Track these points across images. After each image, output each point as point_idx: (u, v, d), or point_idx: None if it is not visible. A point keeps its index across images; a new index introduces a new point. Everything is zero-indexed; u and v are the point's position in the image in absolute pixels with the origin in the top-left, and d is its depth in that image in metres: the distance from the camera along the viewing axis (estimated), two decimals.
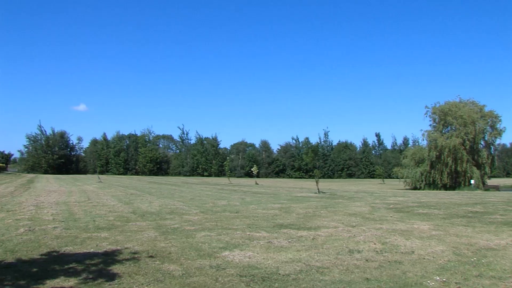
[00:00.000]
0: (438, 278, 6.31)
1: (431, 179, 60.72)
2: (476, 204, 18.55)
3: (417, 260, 7.49)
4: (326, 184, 60.41)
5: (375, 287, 5.99)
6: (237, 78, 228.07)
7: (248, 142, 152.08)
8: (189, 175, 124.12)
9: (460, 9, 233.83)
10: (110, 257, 7.87)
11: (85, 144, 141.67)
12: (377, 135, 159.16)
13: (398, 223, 12.25)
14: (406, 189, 56.63)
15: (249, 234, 10.39)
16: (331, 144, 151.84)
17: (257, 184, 52.70)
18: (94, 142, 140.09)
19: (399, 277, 6.43)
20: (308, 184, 60.30)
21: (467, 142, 59.24)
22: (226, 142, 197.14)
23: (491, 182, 70.98)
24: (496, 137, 64.28)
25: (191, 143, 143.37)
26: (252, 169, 65.58)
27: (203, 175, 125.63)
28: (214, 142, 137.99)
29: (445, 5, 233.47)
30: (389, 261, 7.45)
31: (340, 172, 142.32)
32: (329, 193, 28.87)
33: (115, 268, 7.04)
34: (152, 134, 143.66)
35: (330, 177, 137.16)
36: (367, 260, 7.54)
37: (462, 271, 6.69)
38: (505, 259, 7.48)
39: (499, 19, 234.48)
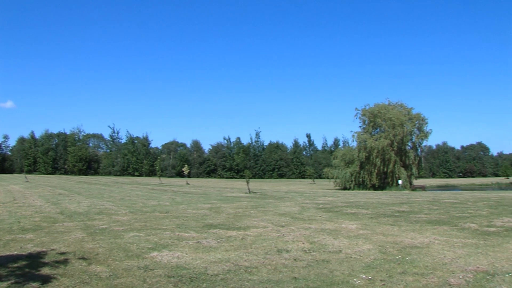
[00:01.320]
0: (364, 276, 6.57)
1: (361, 179, 62.73)
2: (402, 204, 19.42)
3: (344, 259, 7.76)
4: (257, 184, 60.87)
5: (302, 286, 6.16)
6: (168, 77, 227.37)
7: (180, 141, 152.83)
8: (119, 175, 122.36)
9: (389, 11, 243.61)
10: (35, 259, 7.63)
11: (12, 142, 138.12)
12: (308, 136, 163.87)
13: (326, 223, 12.62)
14: (336, 189, 58.14)
15: (178, 235, 10.37)
16: (263, 144, 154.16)
17: (188, 184, 52.45)
18: (22, 140, 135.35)
19: (327, 276, 6.64)
20: (239, 184, 60.62)
21: (395, 143, 61.84)
22: (157, 142, 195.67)
23: (418, 182, 74.54)
24: (423, 139, 67.42)
25: (122, 142, 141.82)
26: (183, 169, 65.14)
27: (134, 175, 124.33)
28: (145, 141, 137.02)
29: (374, 7, 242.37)
30: (317, 260, 7.67)
31: (271, 172, 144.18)
32: (260, 193, 29.24)
33: (41, 271, 6.84)
34: (82, 133, 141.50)
35: (261, 177, 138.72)
36: (295, 260, 7.72)
37: (387, 269, 7.00)
38: (428, 256, 7.90)
39: (426, 22, 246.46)
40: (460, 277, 6.45)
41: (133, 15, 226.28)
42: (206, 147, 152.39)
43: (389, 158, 61.02)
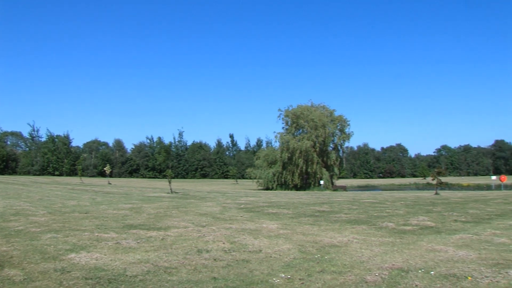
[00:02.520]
0: (283, 276, 6.67)
1: (283, 179, 63.83)
2: (323, 204, 19.97)
3: (264, 259, 7.86)
4: (179, 184, 60.45)
5: (222, 286, 6.16)
6: (91, 75, 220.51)
7: (102, 140, 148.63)
8: (39, 174, 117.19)
9: (310, 12, 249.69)
10: None
11: None
12: (231, 136, 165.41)
13: (247, 223, 12.75)
14: (259, 190, 58.91)
15: (97, 235, 10.07)
16: (186, 144, 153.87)
17: (110, 184, 51.11)
18: None
19: (246, 276, 6.69)
20: (162, 184, 59.86)
21: (318, 144, 63.57)
22: (78, 141, 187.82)
23: (339, 182, 76.89)
24: (344, 140, 70.04)
25: (42, 140, 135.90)
26: (105, 169, 63.32)
27: (54, 174, 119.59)
28: (66, 140, 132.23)
29: (296, 7, 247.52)
30: (237, 260, 7.72)
31: (194, 172, 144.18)
32: (182, 193, 29.06)
33: None
34: None
35: (184, 177, 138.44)
36: (215, 260, 7.73)
37: (306, 268, 7.16)
38: (346, 255, 8.17)
39: (349, 24, 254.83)
40: (376, 274, 6.71)
41: (46, 13, 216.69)
42: (129, 146, 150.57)
43: (312, 159, 62.49)
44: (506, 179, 61.52)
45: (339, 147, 70.97)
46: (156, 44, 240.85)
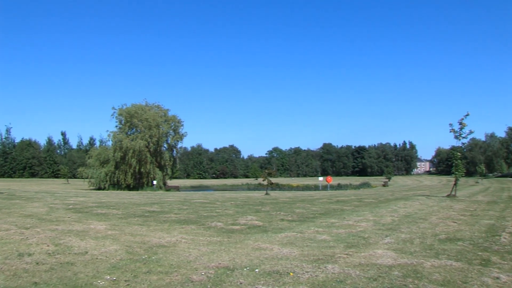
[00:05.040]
0: (108, 277, 6.58)
1: (116, 179, 62.42)
2: (154, 204, 19.97)
3: (90, 261, 7.66)
4: (5, 184, 56.90)
5: None
6: None
7: None
8: None
9: (146, 10, 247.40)
10: None
11: None
12: (63, 134, 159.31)
13: (75, 224, 12.31)
14: (91, 189, 57.06)
15: None
16: (13, 141, 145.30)
17: None
18: None
19: (70, 279, 6.47)
20: None
21: (152, 144, 63.41)
22: None
23: (173, 183, 77.13)
24: (178, 141, 70.82)
25: None
26: None
27: None
28: None
29: (129, 7, 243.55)
30: (61, 263, 7.42)
31: (22, 171, 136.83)
32: (7, 194, 27.33)
33: None
34: None
35: (10, 176, 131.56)
36: (37, 263, 7.35)
37: (132, 269, 7.14)
38: (173, 255, 8.29)
39: (183, 24, 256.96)
40: (203, 273, 6.91)
41: None
42: None
43: (145, 159, 62.23)
44: (332, 180, 66.87)
45: (172, 147, 71.54)
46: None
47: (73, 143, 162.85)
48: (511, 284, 6.45)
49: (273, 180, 39.46)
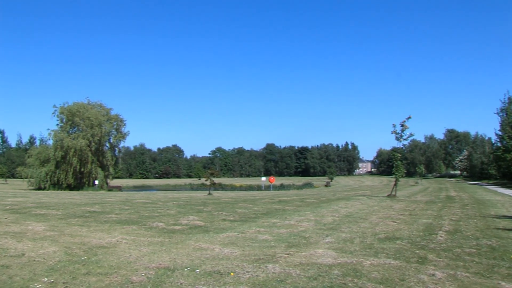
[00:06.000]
0: (46, 280, 6.47)
1: (56, 179, 61.01)
2: (95, 204, 19.64)
3: (26, 263, 7.50)
4: None
5: None
6: None
7: None
8: None
9: (86, 9, 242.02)
10: None
11: None
12: (1, 132, 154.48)
13: (12, 225, 12.01)
14: (30, 189, 55.57)
15: None
16: None
17: None
18: None
19: (5, 283, 6.33)
20: None
21: (93, 143, 62.36)
22: None
23: (115, 182, 75.87)
24: (120, 140, 69.99)
25: None
26: None
27: None
28: None
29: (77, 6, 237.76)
30: None
31: None
32: None
33: None
34: None
35: None
36: None
37: (71, 271, 7.04)
38: (113, 255, 8.24)
39: (121, 23, 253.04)
40: (143, 274, 6.91)
41: None
42: None
43: (87, 158, 61.32)
44: (275, 180, 67.44)
45: (114, 147, 70.57)
46: None
47: (12, 142, 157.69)
48: (445, 280, 6.80)
49: (216, 180, 39.56)
